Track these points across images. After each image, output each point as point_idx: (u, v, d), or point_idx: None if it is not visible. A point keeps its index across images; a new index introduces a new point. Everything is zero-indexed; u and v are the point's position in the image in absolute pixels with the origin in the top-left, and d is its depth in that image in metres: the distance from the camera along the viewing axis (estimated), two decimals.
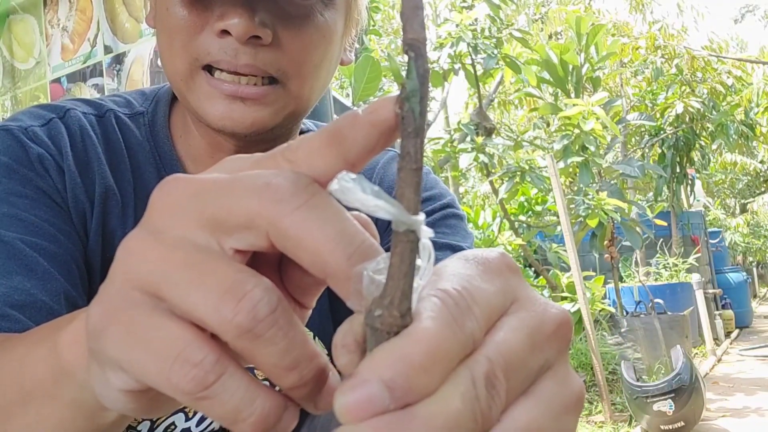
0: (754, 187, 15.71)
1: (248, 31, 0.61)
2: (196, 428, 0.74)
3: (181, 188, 0.28)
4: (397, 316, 0.24)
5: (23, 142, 0.66)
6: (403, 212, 0.24)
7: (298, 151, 0.28)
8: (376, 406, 0.22)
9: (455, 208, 0.81)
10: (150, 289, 0.27)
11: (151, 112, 0.76)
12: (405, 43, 0.25)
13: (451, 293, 0.25)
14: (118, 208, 0.70)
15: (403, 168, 0.25)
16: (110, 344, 0.27)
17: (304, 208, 0.26)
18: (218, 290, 0.25)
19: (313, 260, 0.26)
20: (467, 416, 0.23)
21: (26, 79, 2.47)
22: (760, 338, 7.59)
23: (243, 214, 0.26)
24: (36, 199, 0.64)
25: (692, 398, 3.67)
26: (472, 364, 0.24)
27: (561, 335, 0.28)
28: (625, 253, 6.98)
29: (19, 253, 0.59)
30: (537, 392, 0.26)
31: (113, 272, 0.28)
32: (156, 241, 0.27)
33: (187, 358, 0.25)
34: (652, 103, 7.79)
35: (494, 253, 0.29)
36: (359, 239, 0.26)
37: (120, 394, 0.29)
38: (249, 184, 0.27)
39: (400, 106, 0.25)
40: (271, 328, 0.25)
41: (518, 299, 0.28)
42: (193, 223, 0.27)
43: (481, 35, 4.87)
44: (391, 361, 0.23)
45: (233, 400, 0.26)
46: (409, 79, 0.25)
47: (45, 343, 0.37)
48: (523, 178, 4.84)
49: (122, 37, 2.19)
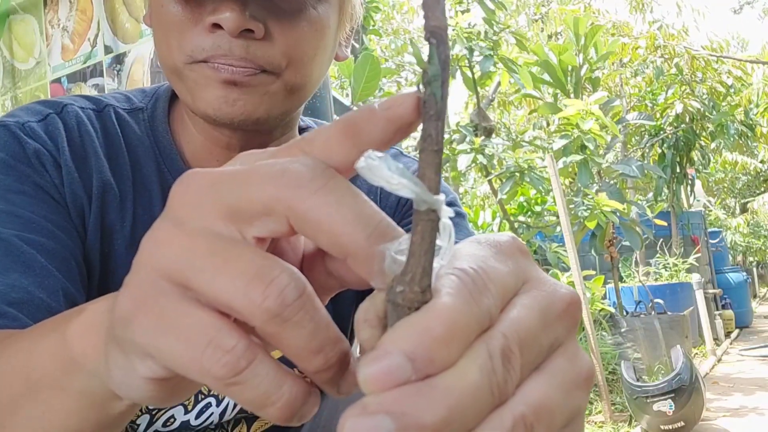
0: (754, 186, 15.71)
1: (240, 25, 0.61)
2: (195, 421, 0.74)
3: (200, 180, 0.29)
4: (418, 292, 0.25)
5: (20, 138, 0.66)
6: (425, 191, 0.25)
7: (315, 142, 0.29)
8: (399, 376, 0.23)
9: (457, 206, 0.82)
10: (177, 278, 0.27)
11: (150, 108, 0.77)
12: (427, 30, 0.26)
13: (469, 272, 0.26)
14: (116, 202, 0.70)
15: (424, 149, 0.26)
16: (140, 332, 0.27)
17: (322, 192, 0.27)
18: (246, 276, 0.26)
19: (333, 242, 0.27)
20: (485, 388, 0.24)
21: (26, 79, 2.47)
22: (760, 338, 7.58)
23: (262, 201, 0.27)
24: (33, 195, 0.64)
25: (692, 398, 3.66)
26: (488, 339, 0.25)
27: (570, 314, 0.29)
28: (625, 253, 6.98)
29: (17, 250, 0.59)
30: (549, 368, 0.27)
31: (139, 262, 0.29)
32: (180, 231, 0.28)
33: (219, 345, 0.26)
34: (652, 103, 7.78)
35: (505, 236, 0.30)
36: (377, 219, 0.27)
37: (143, 381, 0.30)
38: (266, 172, 0.27)
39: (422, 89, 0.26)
40: (298, 312, 0.26)
41: (529, 279, 0.29)
42: (213, 213, 0.28)
43: (477, 38, 4.87)
44: (412, 333, 0.24)
45: (263, 384, 0.27)
46: (431, 65, 0.26)
47: (52, 335, 0.37)
48: (523, 178, 4.84)
49: (123, 38, 2.19)
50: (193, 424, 0.74)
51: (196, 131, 0.74)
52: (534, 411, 0.25)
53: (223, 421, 0.78)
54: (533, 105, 7.37)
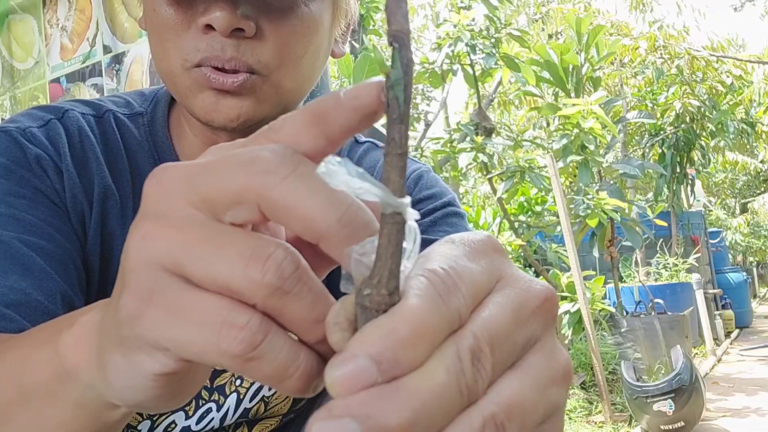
0: (754, 186, 15.71)
1: (231, 24, 0.61)
2: (196, 426, 0.74)
3: (171, 174, 0.29)
4: (385, 295, 0.25)
5: (21, 143, 0.66)
6: (389, 194, 0.25)
7: (282, 130, 0.30)
8: (365, 379, 0.23)
9: (456, 206, 0.81)
10: (174, 268, 0.27)
11: (150, 113, 0.77)
12: (389, 35, 0.26)
13: (438, 272, 0.26)
14: (117, 208, 0.70)
15: (389, 153, 0.26)
16: (151, 327, 0.27)
17: (291, 178, 0.27)
18: (243, 256, 0.26)
19: (305, 227, 0.27)
20: (453, 389, 0.24)
21: (25, 79, 2.47)
22: (760, 338, 7.59)
23: (232, 189, 0.27)
24: (34, 199, 0.64)
25: (692, 398, 3.67)
26: (457, 339, 0.25)
27: (546, 310, 0.29)
28: (625, 253, 6.98)
29: (16, 252, 0.59)
30: (524, 365, 0.27)
31: (130, 261, 0.29)
32: (165, 223, 0.28)
33: (233, 323, 0.26)
34: (653, 103, 7.78)
35: (480, 234, 0.30)
36: (347, 202, 0.27)
37: (150, 379, 0.30)
38: (235, 161, 0.28)
39: (385, 94, 0.26)
40: (297, 284, 0.27)
41: (503, 277, 0.29)
42: (188, 203, 0.28)
43: (479, 35, 4.86)
44: (378, 336, 0.24)
45: (280, 356, 0.27)
46: (394, 69, 0.26)
47: (45, 346, 0.37)
48: (523, 177, 4.84)
49: (121, 37, 2.19)
50: (194, 429, 0.74)
51: (193, 134, 0.74)
52: (505, 409, 0.25)
53: (225, 426, 0.78)
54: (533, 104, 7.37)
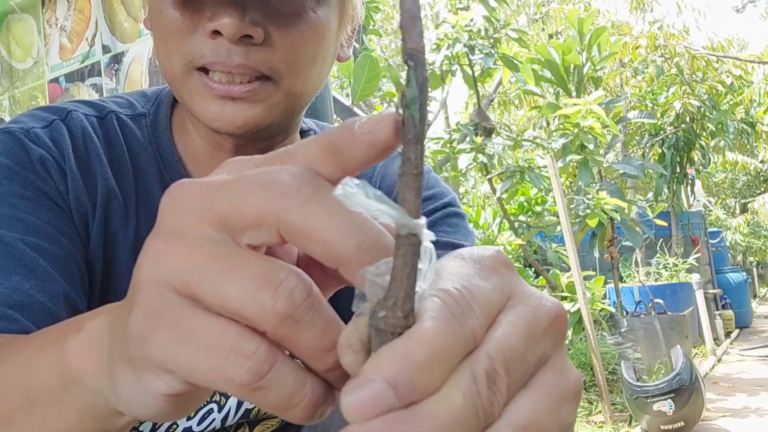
0: (754, 186, 15.71)
1: (239, 31, 0.61)
2: (197, 426, 0.74)
3: (188, 191, 0.29)
4: (400, 317, 0.25)
5: (25, 144, 0.66)
6: (405, 216, 0.25)
7: (296, 157, 0.29)
8: (381, 404, 0.23)
9: (456, 206, 0.81)
10: (184, 290, 0.27)
11: (153, 114, 0.76)
12: (405, 53, 0.25)
13: (452, 292, 0.26)
14: (120, 209, 0.70)
15: (404, 173, 0.26)
16: (159, 348, 0.27)
17: (310, 202, 0.26)
18: (254, 281, 0.26)
19: (324, 251, 0.27)
20: (469, 412, 0.24)
21: (24, 78, 2.47)
22: (760, 338, 7.58)
23: (251, 212, 0.27)
24: (37, 200, 0.64)
25: (692, 398, 3.66)
26: (473, 361, 0.25)
27: (556, 328, 0.29)
28: (625, 253, 6.98)
29: (19, 254, 0.59)
30: (536, 385, 0.27)
31: (141, 278, 0.28)
32: (178, 242, 0.27)
33: (240, 351, 0.26)
34: (653, 103, 7.78)
35: (489, 251, 0.30)
36: (367, 227, 0.27)
37: (158, 398, 0.30)
38: (254, 182, 0.27)
39: (400, 113, 0.26)
40: (308, 312, 0.26)
41: (514, 295, 0.29)
42: (205, 223, 0.28)
43: (478, 36, 4.86)
44: (394, 360, 0.24)
45: (286, 386, 0.27)
46: (409, 88, 0.26)
47: (51, 351, 0.37)
48: (523, 177, 4.84)
49: (121, 37, 2.18)
50: (195, 430, 0.74)
51: (198, 136, 0.74)
52: (521, 430, 0.25)
53: (226, 426, 0.78)
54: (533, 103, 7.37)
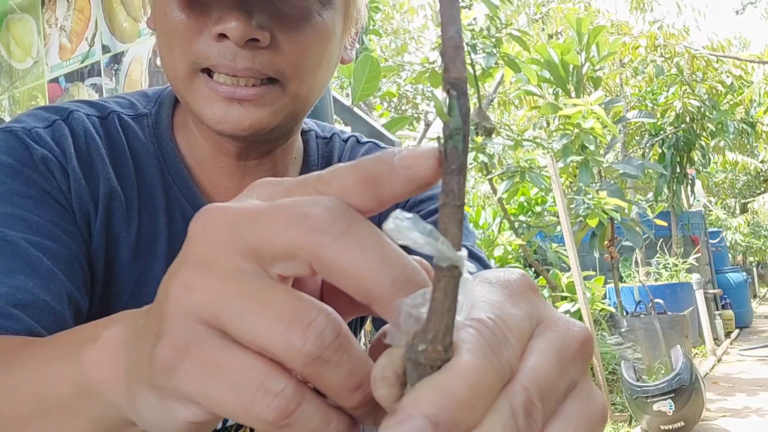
0: (754, 186, 15.70)
1: (246, 34, 0.61)
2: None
3: (218, 218, 0.28)
4: (441, 351, 0.25)
5: (27, 143, 0.66)
6: (449, 248, 0.25)
7: (330, 185, 0.28)
8: None
9: None
10: (213, 322, 0.27)
11: (154, 114, 0.76)
12: (447, 82, 0.25)
13: (487, 323, 0.26)
14: (122, 209, 0.70)
15: (447, 204, 0.25)
16: (185, 381, 0.27)
17: (344, 237, 0.26)
18: (284, 320, 0.26)
19: (357, 287, 0.26)
20: None
21: (24, 78, 2.47)
22: (760, 338, 7.58)
23: (284, 246, 0.27)
24: (40, 199, 0.64)
25: (692, 398, 3.66)
26: (510, 394, 0.25)
27: (584, 353, 0.29)
28: (625, 253, 6.98)
29: (23, 252, 0.59)
30: (565, 413, 0.27)
31: (169, 308, 0.28)
32: (208, 273, 0.27)
33: (268, 389, 0.26)
34: (653, 103, 7.78)
35: (515, 274, 0.30)
36: (402, 263, 0.27)
37: (180, 424, 0.30)
38: (287, 215, 0.27)
39: (442, 143, 0.26)
40: (337, 352, 0.26)
41: (543, 320, 0.29)
42: (236, 253, 0.27)
43: (479, 35, 4.86)
44: (435, 396, 0.24)
45: (312, 424, 0.27)
46: (452, 118, 0.25)
47: (66, 360, 0.37)
48: (523, 177, 4.84)
49: (120, 37, 2.18)
50: None
51: (201, 137, 0.74)
52: None
53: (227, 426, 0.78)
54: (533, 104, 7.36)
